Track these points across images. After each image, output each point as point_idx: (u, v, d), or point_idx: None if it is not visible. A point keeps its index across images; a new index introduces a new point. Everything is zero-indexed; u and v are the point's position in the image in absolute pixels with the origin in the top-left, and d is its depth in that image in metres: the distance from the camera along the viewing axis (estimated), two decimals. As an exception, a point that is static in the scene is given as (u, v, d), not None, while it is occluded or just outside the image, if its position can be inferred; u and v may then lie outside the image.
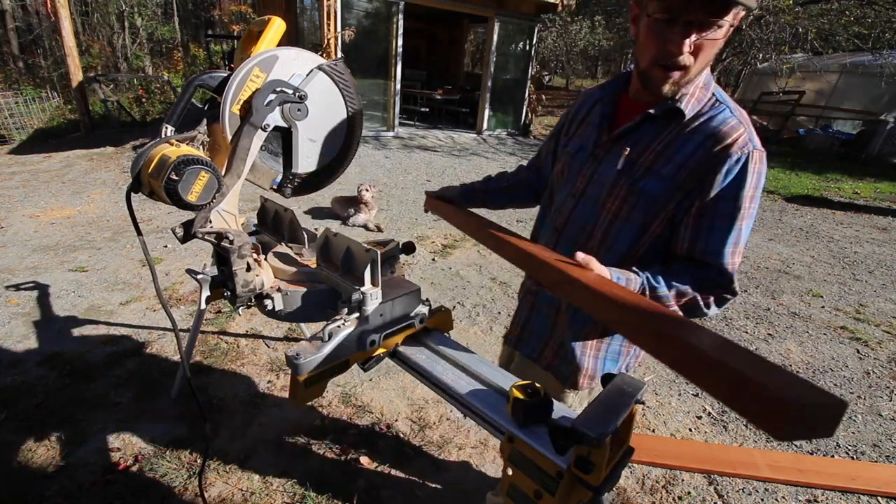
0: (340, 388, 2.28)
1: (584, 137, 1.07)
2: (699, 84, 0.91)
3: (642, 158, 0.94)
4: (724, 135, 0.87)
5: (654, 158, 0.93)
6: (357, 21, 7.54)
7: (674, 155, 0.91)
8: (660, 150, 0.92)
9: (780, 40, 7.66)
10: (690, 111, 0.90)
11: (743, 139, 0.87)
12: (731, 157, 0.86)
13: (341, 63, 1.10)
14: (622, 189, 0.96)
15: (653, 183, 0.92)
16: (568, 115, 1.17)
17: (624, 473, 1.90)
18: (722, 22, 0.80)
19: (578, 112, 1.13)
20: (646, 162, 0.94)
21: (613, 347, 1.13)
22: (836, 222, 5.59)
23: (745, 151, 0.86)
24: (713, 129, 0.88)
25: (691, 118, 0.91)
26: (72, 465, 1.79)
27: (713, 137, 0.88)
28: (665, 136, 0.92)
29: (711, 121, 0.89)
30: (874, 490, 1.88)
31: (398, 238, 1.23)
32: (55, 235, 3.93)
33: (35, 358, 2.37)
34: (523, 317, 1.22)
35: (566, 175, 1.10)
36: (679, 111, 0.90)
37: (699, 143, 0.89)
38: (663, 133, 0.93)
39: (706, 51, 0.84)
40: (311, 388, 0.84)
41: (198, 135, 0.96)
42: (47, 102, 9.15)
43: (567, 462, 0.64)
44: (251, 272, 0.94)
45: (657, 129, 0.94)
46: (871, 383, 2.59)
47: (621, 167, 0.96)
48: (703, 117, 0.90)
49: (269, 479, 1.79)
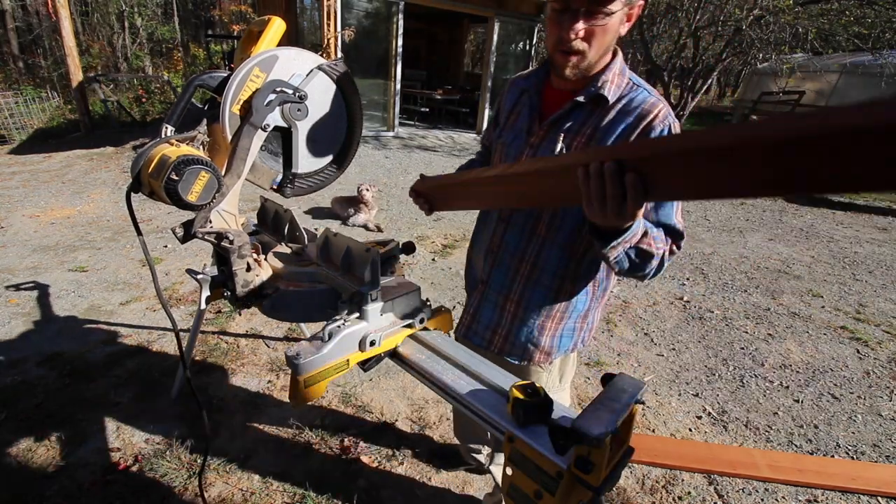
0: (340, 388, 2.28)
1: (515, 127, 1.13)
2: (615, 71, 1.00)
3: (576, 142, 1.02)
4: (646, 112, 0.96)
5: (587, 141, 1.01)
6: (357, 21, 7.54)
7: (605, 136, 0.99)
8: (590, 133, 1.00)
9: (780, 40, 7.66)
10: (613, 96, 0.99)
11: (664, 113, 0.96)
12: (655, 129, 0.95)
13: (341, 63, 1.10)
14: None
15: None
16: (499, 105, 1.23)
17: (624, 473, 1.90)
18: (608, 10, 0.89)
19: (508, 101, 1.19)
20: (580, 145, 1.01)
21: (568, 325, 1.18)
22: (836, 222, 5.59)
23: (667, 123, 0.96)
24: (637, 108, 0.97)
25: (614, 102, 0.99)
26: (72, 465, 1.79)
27: (638, 116, 0.97)
28: (593, 120, 1.01)
29: (633, 101, 0.98)
30: (874, 490, 1.88)
31: (398, 238, 1.23)
32: (55, 235, 3.93)
33: (35, 358, 2.37)
34: (473, 307, 1.25)
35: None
36: (603, 97, 0.99)
37: (627, 123, 0.97)
38: (591, 118, 1.01)
39: (598, 37, 0.93)
40: (311, 388, 0.84)
41: (198, 135, 0.96)
42: (47, 102, 9.15)
43: (567, 462, 0.64)
44: (251, 272, 0.94)
45: (585, 114, 1.02)
46: (871, 383, 2.59)
47: (559, 152, 1.03)
48: (625, 99, 0.99)
49: (269, 479, 1.79)
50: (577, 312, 1.17)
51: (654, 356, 2.74)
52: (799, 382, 2.57)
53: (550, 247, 1.10)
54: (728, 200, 6.26)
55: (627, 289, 3.56)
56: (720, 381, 2.54)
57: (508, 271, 1.16)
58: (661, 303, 3.37)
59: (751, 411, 2.32)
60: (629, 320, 3.11)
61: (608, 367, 2.61)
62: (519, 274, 1.15)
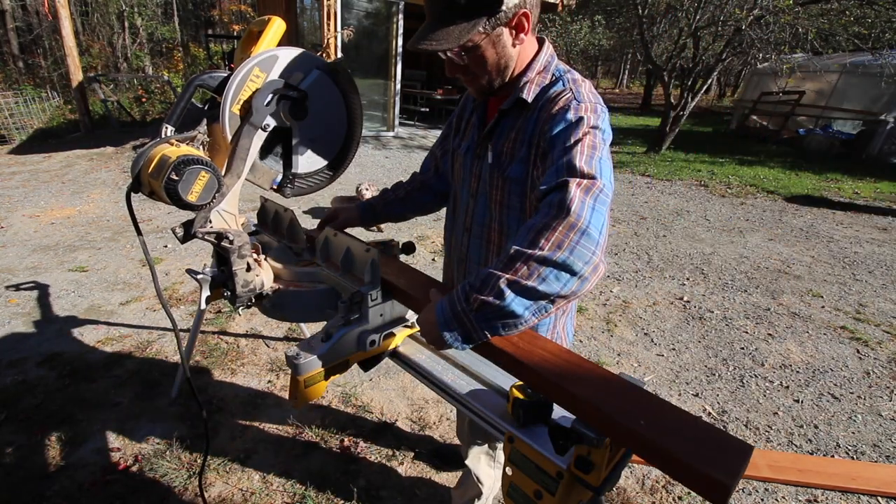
0: (340, 388, 2.28)
1: (469, 138, 1.12)
2: (537, 69, 0.97)
3: (506, 149, 1.00)
4: (551, 102, 0.92)
5: (513, 146, 0.99)
6: (357, 21, 7.54)
7: (522, 137, 0.97)
8: (514, 137, 0.99)
9: (780, 40, 7.65)
10: (532, 96, 0.96)
11: (567, 98, 0.90)
12: (556, 114, 0.89)
13: (341, 63, 1.10)
14: (497, 179, 1.02)
15: (515, 167, 0.98)
16: (456, 114, 1.21)
17: (624, 473, 1.90)
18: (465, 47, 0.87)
19: (463, 112, 1.18)
20: (508, 151, 1.00)
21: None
22: (836, 222, 5.59)
23: (569, 104, 0.89)
24: (545, 100, 0.94)
25: (534, 102, 0.96)
26: (72, 465, 1.79)
27: (544, 107, 0.93)
28: (518, 123, 0.99)
29: (545, 94, 0.95)
30: (874, 490, 1.88)
31: (398, 238, 1.23)
32: (55, 235, 3.93)
33: (35, 358, 2.37)
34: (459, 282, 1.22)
35: (462, 176, 1.14)
36: (523, 100, 0.96)
37: (535, 118, 0.95)
38: (517, 122, 0.99)
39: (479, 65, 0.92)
40: (311, 388, 0.84)
41: (198, 135, 0.96)
42: (47, 102, 9.15)
43: (567, 462, 0.64)
44: (251, 272, 0.94)
45: (512, 120, 1.00)
46: (871, 383, 2.59)
47: (491, 161, 1.03)
48: (542, 97, 0.95)
49: (269, 479, 1.79)
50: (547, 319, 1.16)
51: (654, 356, 2.74)
52: (799, 382, 2.57)
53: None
54: (728, 200, 6.27)
55: (628, 289, 3.56)
56: (720, 381, 2.54)
57: None
58: (661, 303, 3.37)
59: (751, 411, 2.32)
60: (629, 320, 3.11)
61: (608, 367, 2.61)
62: None
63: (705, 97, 20.37)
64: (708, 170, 7.98)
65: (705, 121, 15.27)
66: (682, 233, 4.92)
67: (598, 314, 3.16)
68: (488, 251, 1.12)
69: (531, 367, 0.67)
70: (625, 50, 20.38)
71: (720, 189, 6.87)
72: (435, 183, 1.32)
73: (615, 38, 17.38)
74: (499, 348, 0.72)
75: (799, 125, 11.17)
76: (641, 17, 8.81)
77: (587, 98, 0.91)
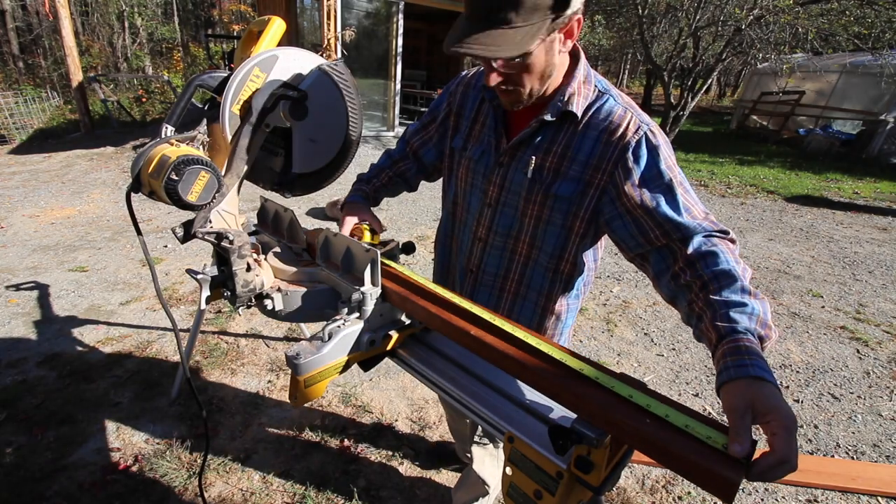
0: (340, 388, 2.28)
1: (483, 142, 1.05)
2: (580, 80, 0.91)
3: (548, 163, 0.95)
4: (615, 125, 0.89)
5: (559, 162, 0.94)
6: (357, 21, 7.54)
7: (576, 155, 0.92)
8: (561, 153, 0.94)
9: (780, 40, 7.65)
10: (580, 109, 0.91)
11: (634, 123, 0.88)
12: (630, 143, 0.87)
13: (341, 63, 1.10)
14: (538, 195, 0.98)
15: (564, 185, 0.94)
16: (450, 106, 1.14)
17: (624, 473, 1.90)
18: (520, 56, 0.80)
19: (463, 105, 1.11)
20: (552, 166, 0.95)
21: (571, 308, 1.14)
22: (836, 222, 5.59)
23: (641, 133, 0.87)
24: (603, 121, 0.90)
25: (583, 117, 0.92)
26: (72, 465, 1.79)
27: (606, 130, 0.89)
28: (562, 138, 0.94)
29: (599, 113, 0.91)
30: (874, 490, 1.88)
31: (398, 238, 1.23)
32: (55, 235, 3.93)
33: (35, 358, 2.37)
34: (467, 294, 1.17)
35: (472, 182, 1.09)
36: (571, 113, 0.91)
37: (594, 138, 0.90)
38: (560, 135, 0.94)
39: (524, 76, 0.86)
40: (311, 388, 0.84)
41: (198, 135, 0.96)
42: (47, 102, 9.16)
43: (567, 462, 0.64)
44: (251, 272, 0.94)
45: (553, 132, 0.94)
46: (871, 383, 2.59)
47: (531, 175, 0.97)
48: (591, 111, 0.91)
49: (269, 479, 1.79)
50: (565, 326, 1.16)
51: (654, 356, 2.74)
52: (799, 382, 2.57)
53: (534, 266, 1.06)
54: (728, 200, 6.27)
55: (628, 289, 3.56)
56: (720, 381, 2.54)
57: (493, 290, 1.13)
58: (661, 303, 3.37)
59: (751, 411, 2.32)
60: (629, 320, 3.11)
61: (608, 366, 2.60)
62: (505, 292, 1.12)
63: (705, 97, 20.37)
64: (708, 170, 7.98)
65: (705, 121, 15.27)
66: (682, 233, 4.92)
67: (598, 314, 3.16)
68: (512, 263, 1.08)
69: (532, 368, 0.67)
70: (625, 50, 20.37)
71: (720, 189, 6.88)
72: (414, 168, 1.26)
73: (615, 38, 17.36)
74: (500, 350, 0.72)
75: (799, 125, 11.18)
76: (641, 17, 8.81)
77: (646, 117, 0.90)
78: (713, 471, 0.50)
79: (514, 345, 0.72)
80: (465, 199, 1.13)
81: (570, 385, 0.64)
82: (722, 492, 0.50)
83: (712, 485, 0.51)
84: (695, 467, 0.52)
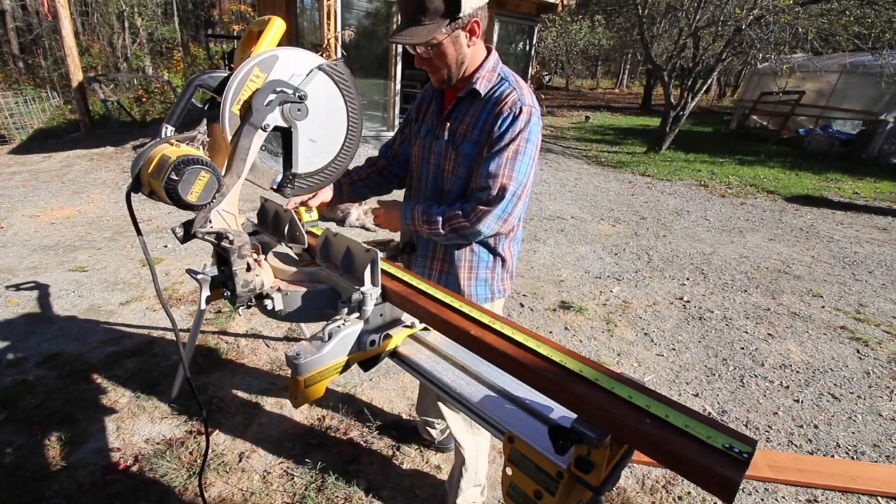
0: (340, 388, 2.28)
1: (428, 123, 1.37)
2: (488, 69, 1.23)
3: (459, 129, 1.26)
4: (502, 100, 1.19)
5: (466, 128, 1.25)
6: (357, 21, 7.53)
7: (476, 122, 1.23)
8: (469, 121, 1.25)
9: (780, 40, 7.66)
10: (484, 89, 1.22)
11: (513, 99, 1.18)
12: (503, 112, 1.17)
13: (341, 63, 1.10)
14: (451, 153, 1.28)
15: (467, 146, 1.25)
16: (419, 108, 1.44)
17: (624, 473, 1.90)
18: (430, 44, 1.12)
19: (422, 103, 1.42)
20: (462, 131, 1.26)
21: (481, 275, 1.39)
22: (836, 222, 5.59)
23: (516, 108, 1.17)
24: (496, 97, 1.21)
25: (486, 94, 1.22)
26: (72, 465, 1.79)
27: (496, 102, 1.20)
28: (471, 110, 1.25)
29: (495, 92, 1.22)
30: (874, 490, 1.88)
31: (398, 238, 1.23)
32: (55, 235, 3.93)
33: (35, 358, 2.37)
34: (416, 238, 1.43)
35: (422, 155, 1.38)
36: (476, 91, 1.23)
37: (489, 110, 1.21)
38: (469, 108, 1.26)
39: (440, 59, 1.17)
40: (311, 388, 0.84)
41: (198, 135, 0.96)
42: (47, 102, 9.16)
43: (567, 462, 0.64)
44: (251, 272, 0.94)
45: (466, 106, 1.26)
46: (871, 383, 2.59)
47: (447, 138, 1.28)
48: (493, 91, 1.23)
49: (269, 479, 1.79)
50: (483, 263, 1.37)
51: (653, 356, 2.74)
52: (799, 382, 2.57)
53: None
54: (728, 200, 6.27)
55: (628, 289, 3.56)
56: (720, 381, 2.54)
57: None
58: (661, 303, 3.37)
59: (751, 411, 2.32)
60: (629, 320, 3.11)
61: (608, 366, 2.60)
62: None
63: (705, 97, 20.38)
64: (708, 170, 7.98)
65: (705, 121, 15.27)
66: (682, 233, 4.92)
67: (598, 314, 3.17)
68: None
69: (532, 368, 0.67)
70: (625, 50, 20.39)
71: (720, 189, 6.88)
72: (395, 166, 1.54)
73: (615, 38, 17.39)
74: (500, 350, 0.72)
75: (799, 125, 11.18)
76: (641, 17, 8.81)
77: (528, 101, 1.19)
78: (713, 470, 0.50)
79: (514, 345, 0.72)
80: (417, 170, 1.41)
81: (571, 385, 0.64)
82: (722, 491, 0.50)
83: (712, 484, 0.51)
84: (695, 467, 0.52)
